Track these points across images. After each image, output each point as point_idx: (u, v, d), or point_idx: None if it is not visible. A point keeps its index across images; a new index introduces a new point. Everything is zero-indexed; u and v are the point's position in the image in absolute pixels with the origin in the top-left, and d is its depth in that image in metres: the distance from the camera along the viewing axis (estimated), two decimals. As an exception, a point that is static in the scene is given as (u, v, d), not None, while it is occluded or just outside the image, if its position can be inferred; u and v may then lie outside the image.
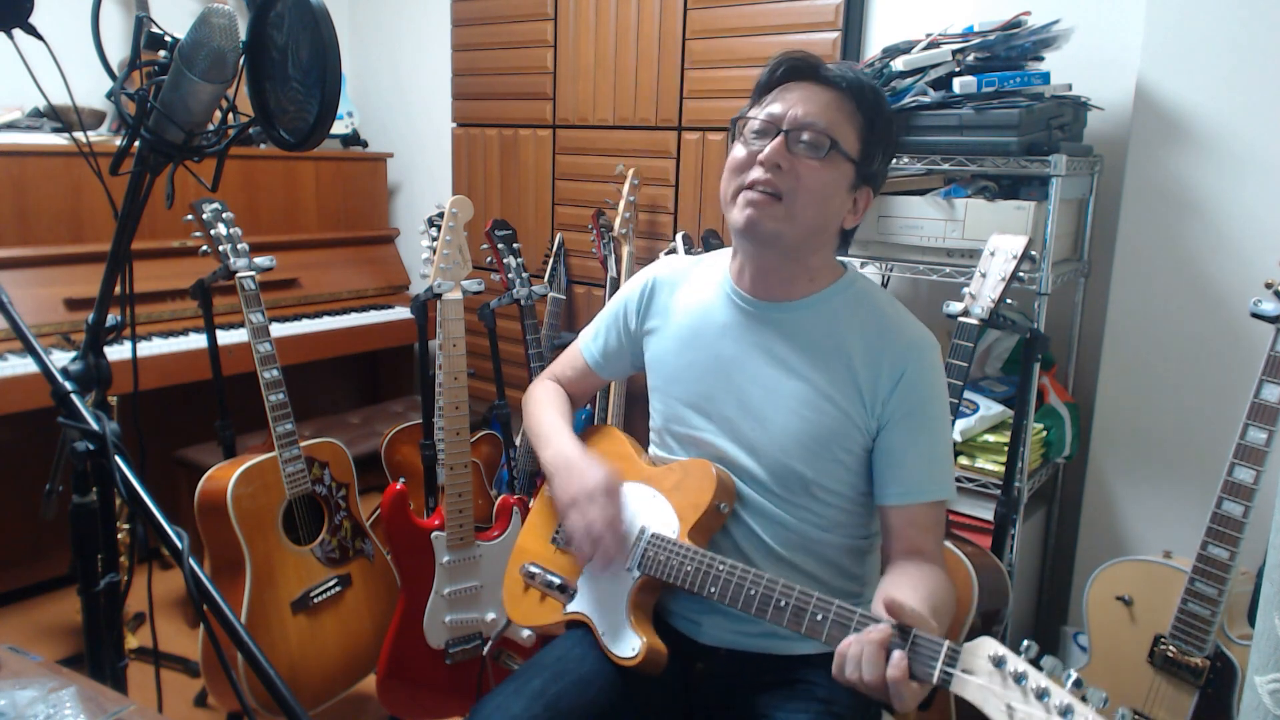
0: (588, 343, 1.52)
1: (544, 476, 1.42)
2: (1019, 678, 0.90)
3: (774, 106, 1.22)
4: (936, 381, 1.24)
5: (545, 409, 1.49)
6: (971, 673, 0.93)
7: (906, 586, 1.12)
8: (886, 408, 1.21)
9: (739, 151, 1.23)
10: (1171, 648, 1.61)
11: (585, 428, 1.55)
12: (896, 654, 0.96)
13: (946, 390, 1.27)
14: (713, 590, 1.18)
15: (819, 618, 1.07)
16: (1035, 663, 0.91)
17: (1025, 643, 0.92)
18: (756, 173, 1.19)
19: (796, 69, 1.24)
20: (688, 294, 1.38)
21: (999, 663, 0.92)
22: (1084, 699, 0.86)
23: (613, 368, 1.51)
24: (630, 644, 1.23)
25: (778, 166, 1.18)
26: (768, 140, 1.20)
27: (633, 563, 1.29)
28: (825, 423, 1.23)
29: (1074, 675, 0.88)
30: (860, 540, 1.32)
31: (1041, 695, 0.87)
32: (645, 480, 1.35)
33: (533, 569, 1.42)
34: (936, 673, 0.96)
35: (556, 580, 1.38)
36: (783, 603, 1.11)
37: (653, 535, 1.28)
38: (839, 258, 1.34)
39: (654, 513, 1.30)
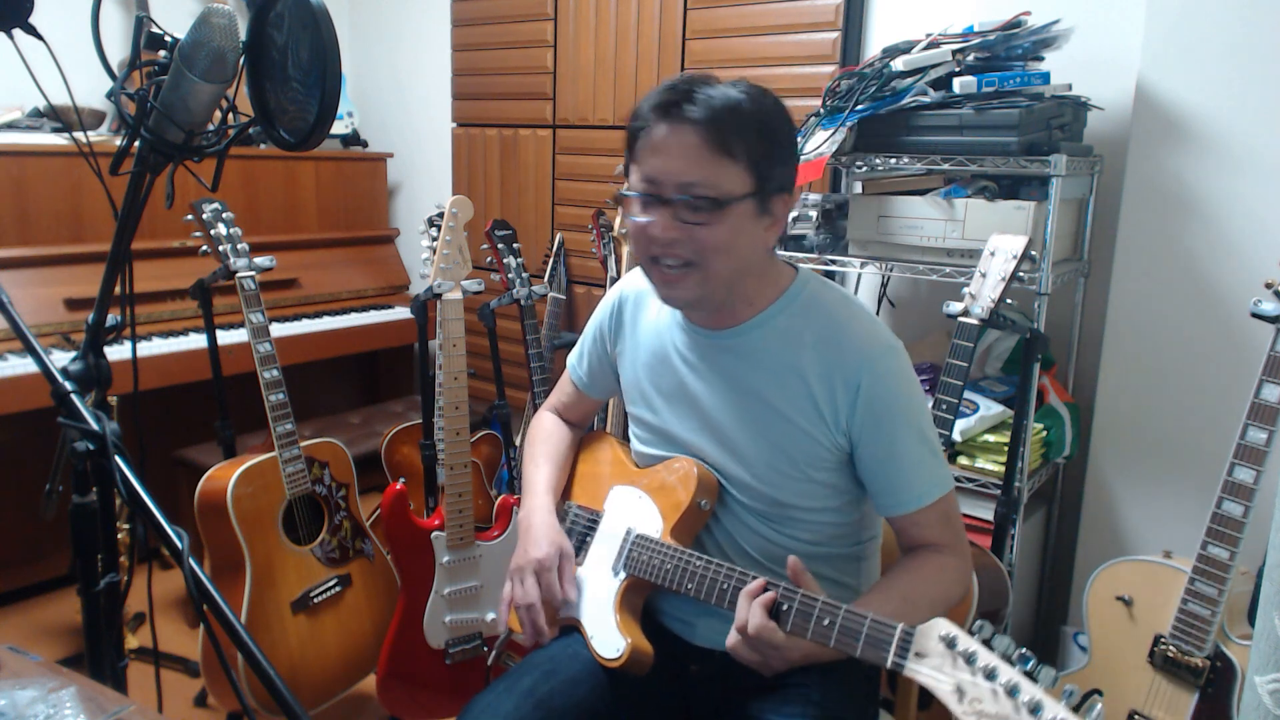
0: (574, 365, 1.52)
1: None
2: (970, 658, 0.91)
3: (648, 166, 1.14)
4: (898, 386, 1.19)
5: (536, 455, 1.48)
6: (924, 656, 0.94)
7: (883, 584, 1.17)
8: (852, 423, 1.18)
9: (632, 222, 1.18)
10: (1171, 647, 1.61)
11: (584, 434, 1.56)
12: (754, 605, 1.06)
13: (915, 388, 1.22)
14: (689, 586, 1.19)
15: (785, 608, 1.07)
16: (987, 643, 0.91)
17: (978, 623, 0.93)
18: (658, 249, 1.15)
19: (659, 108, 1.13)
20: (649, 314, 1.38)
21: (950, 643, 0.93)
22: (1033, 678, 0.87)
23: (600, 388, 1.51)
24: (614, 645, 1.24)
25: (676, 240, 1.14)
26: (655, 208, 1.14)
27: (618, 564, 1.29)
28: (792, 447, 1.21)
29: (1026, 654, 0.89)
30: (853, 548, 1.31)
31: (991, 675, 0.88)
32: (632, 482, 1.36)
33: None
34: (889, 660, 0.97)
35: None
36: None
37: (638, 536, 1.28)
38: (790, 262, 1.30)
39: (639, 513, 1.31)
